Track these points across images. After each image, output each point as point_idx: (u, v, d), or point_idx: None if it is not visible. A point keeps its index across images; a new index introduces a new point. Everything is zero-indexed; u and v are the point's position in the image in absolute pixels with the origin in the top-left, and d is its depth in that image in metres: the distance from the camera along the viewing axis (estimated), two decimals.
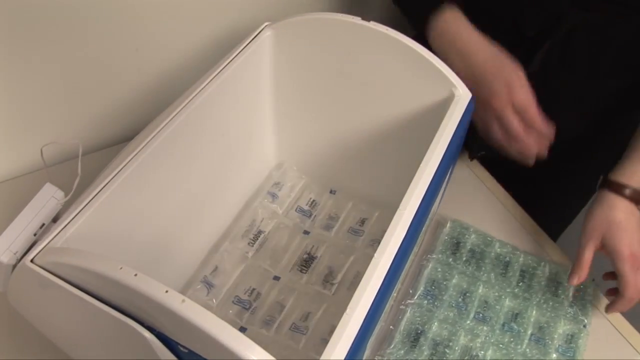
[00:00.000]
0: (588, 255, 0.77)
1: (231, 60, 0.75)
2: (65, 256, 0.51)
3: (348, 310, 0.51)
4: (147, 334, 0.49)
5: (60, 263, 0.51)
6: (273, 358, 0.45)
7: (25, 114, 0.88)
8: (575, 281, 0.77)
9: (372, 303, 0.54)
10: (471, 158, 0.96)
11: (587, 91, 0.86)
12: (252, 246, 0.83)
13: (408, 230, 0.59)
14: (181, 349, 0.50)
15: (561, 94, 0.85)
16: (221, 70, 0.73)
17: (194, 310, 0.45)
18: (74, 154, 0.92)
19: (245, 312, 0.76)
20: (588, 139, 0.94)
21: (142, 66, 0.95)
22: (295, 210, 0.88)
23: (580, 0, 0.76)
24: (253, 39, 0.77)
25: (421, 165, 0.64)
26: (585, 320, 0.79)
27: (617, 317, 0.82)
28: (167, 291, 0.45)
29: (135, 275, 0.46)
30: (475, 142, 0.92)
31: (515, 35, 0.83)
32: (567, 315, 0.80)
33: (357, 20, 0.74)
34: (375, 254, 0.56)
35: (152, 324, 0.49)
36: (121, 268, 0.47)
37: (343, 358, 0.49)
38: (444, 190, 0.85)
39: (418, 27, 0.81)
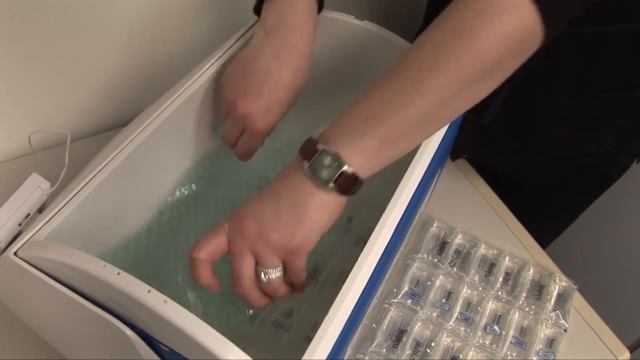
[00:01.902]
0: None
1: (223, 54, 0.74)
2: (49, 251, 0.51)
3: (330, 313, 0.52)
4: (128, 332, 0.49)
5: (44, 258, 0.51)
6: None
7: (14, 99, 0.87)
8: None
9: (355, 305, 0.54)
10: (453, 159, 0.96)
11: (575, 108, 0.84)
12: None
13: (393, 234, 0.60)
14: (162, 347, 0.50)
15: (549, 110, 0.85)
16: (212, 64, 0.73)
17: (176, 311, 0.45)
18: (62, 140, 0.92)
19: (231, 306, 0.76)
20: (577, 155, 0.93)
21: (134, 54, 0.94)
22: None
23: None
24: (245, 33, 0.77)
25: (409, 167, 0.64)
26: (566, 325, 0.80)
27: (597, 322, 0.82)
28: (149, 291, 0.46)
29: (118, 274, 0.46)
30: (457, 145, 0.92)
31: None
32: (549, 320, 0.80)
33: (351, 18, 0.73)
34: (359, 258, 0.56)
35: (134, 322, 0.50)
36: (104, 266, 0.47)
37: (325, 358, 0.50)
38: (432, 190, 0.85)
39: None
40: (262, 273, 0.56)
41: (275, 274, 0.57)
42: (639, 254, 1.35)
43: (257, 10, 0.71)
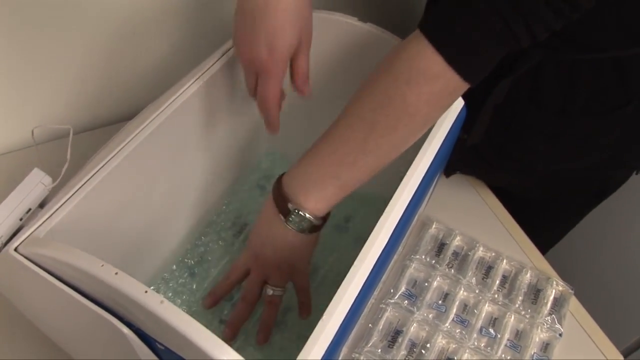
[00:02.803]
0: None
1: (226, 52, 0.74)
2: (49, 249, 0.51)
3: (325, 316, 0.52)
4: (125, 330, 0.50)
5: (43, 255, 0.51)
6: None
7: (18, 92, 0.88)
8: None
9: (351, 307, 0.55)
10: (447, 176, 0.97)
11: (561, 129, 0.83)
12: (238, 238, 0.84)
13: (391, 236, 0.60)
14: (158, 345, 0.50)
15: (534, 130, 0.84)
16: (216, 62, 0.73)
17: (172, 312, 0.46)
18: (64, 132, 0.92)
19: (227, 303, 0.77)
20: (567, 170, 0.93)
21: (139, 49, 0.94)
22: None
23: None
24: None
25: (410, 169, 0.65)
26: (562, 329, 0.81)
27: (593, 327, 0.83)
28: (146, 291, 0.46)
29: (116, 273, 0.47)
30: (449, 162, 0.92)
31: None
32: (545, 324, 0.81)
33: (354, 20, 0.74)
34: (356, 260, 0.56)
35: (131, 320, 0.50)
36: (102, 265, 0.48)
37: (320, 358, 0.50)
38: (431, 192, 0.85)
39: None
40: (269, 290, 0.71)
41: (277, 292, 0.72)
42: (637, 259, 1.35)
43: None
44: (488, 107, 0.79)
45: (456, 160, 0.89)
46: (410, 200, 0.64)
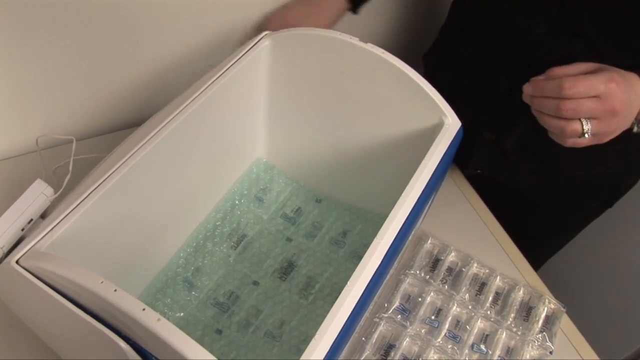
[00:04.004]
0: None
1: (229, 67, 0.75)
2: (49, 263, 0.52)
3: (318, 334, 0.53)
4: (122, 344, 0.51)
5: (44, 269, 0.52)
6: None
7: (23, 99, 0.89)
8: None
9: (347, 321, 0.56)
10: (467, 173, 0.98)
11: None
12: (235, 250, 0.85)
13: (385, 255, 0.61)
14: None
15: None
16: (219, 77, 0.74)
17: (168, 330, 0.47)
18: (68, 140, 0.93)
19: (223, 314, 0.78)
20: (588, 175, 0.95)
21: (142, 58, 0.95)
22: (280, 216, 0.90)
23: (555, 30, 0.77)
24: (252, 47, 0.78)
25: (406, 189, 0.66)
26: (552, 347, 0.82)
27: (583, 346, 0.84)
28: (144, 309, 0.47)
29: (115, 290, 0.48)
30: (474, 161, 0.93)
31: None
32: (536, 341, 0.82)
33: (355, 40, 0.75)
34: (350, 279, 0.57)
35: (128, 335, 0.51)
36: (102, 282, 0.49)
37: None
38: (428, 209, 0.86)
39: None
40: (584, 122, 0.69)
41: (587, 125, 0.69)
42: (630, 278, 1.36)
43: None
44: (527, 115, 0.80)
45: (482, 161, 0.90)
46: (407, 218, 0.64)
